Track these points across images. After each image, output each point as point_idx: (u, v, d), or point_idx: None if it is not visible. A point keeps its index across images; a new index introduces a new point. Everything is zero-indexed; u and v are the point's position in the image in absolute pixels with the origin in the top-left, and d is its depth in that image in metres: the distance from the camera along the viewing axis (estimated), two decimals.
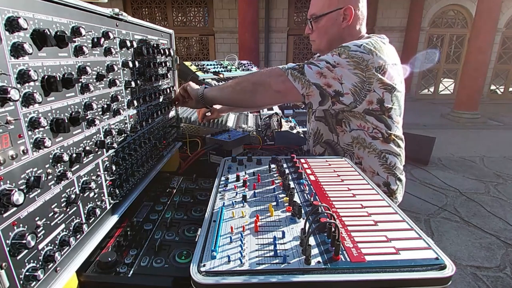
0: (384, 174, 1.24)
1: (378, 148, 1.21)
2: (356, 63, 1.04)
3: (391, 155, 1.22)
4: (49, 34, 0.51)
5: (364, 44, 1.07)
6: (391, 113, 1.15)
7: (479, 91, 7.30)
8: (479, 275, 2.39)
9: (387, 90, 1.10)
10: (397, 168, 1.25)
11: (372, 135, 1.20)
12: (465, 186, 3.95)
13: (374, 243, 0.57)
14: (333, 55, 1.08)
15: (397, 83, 1.12)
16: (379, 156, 1.22)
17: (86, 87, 0.63)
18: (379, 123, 1.17)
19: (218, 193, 0.79)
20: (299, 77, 1.06)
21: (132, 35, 0.89)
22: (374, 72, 1.05)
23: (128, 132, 0.85)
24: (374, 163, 1.23)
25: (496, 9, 6.76)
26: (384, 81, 1.07)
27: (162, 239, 0.75)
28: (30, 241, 0.45)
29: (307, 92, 1.06)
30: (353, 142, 1.24)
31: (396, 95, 1.13)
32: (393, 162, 1.23)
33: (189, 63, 2.37)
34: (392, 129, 1.19)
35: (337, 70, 1.05)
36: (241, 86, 1.14)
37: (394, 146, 1.22)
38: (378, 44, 1.09)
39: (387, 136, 1.19)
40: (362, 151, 1.23)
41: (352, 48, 1.06)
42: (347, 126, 1.23)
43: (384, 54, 1.07)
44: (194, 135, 1.65)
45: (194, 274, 0.49)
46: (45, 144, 0.50)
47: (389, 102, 1.12)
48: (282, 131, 1.70)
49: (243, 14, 7.51)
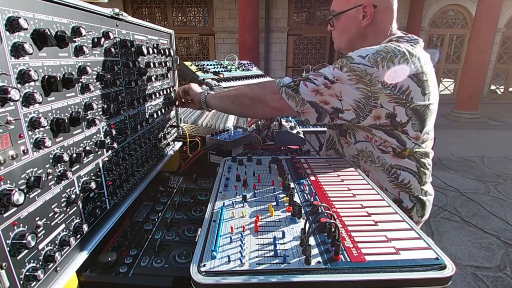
0: (394, 191, 1.09)
1: (388, 163, 1.06)
2: (358, 77, 0.94)
3: (405, 171, 1.06)
4: (49, 34, 0.51)
5: (370, 54, 0.94)
6: (406, 128, 1.00)
7: (479, 91, 7.30)
8: (479, 275, 2.38)
9: (400, 104, 0.96)
10: (413, 187, 1.08)
11: (380, 148, 1.06)
12: (465, 186, 3.95)
13: (374, 243, 0.57)
14: (334, 69, 0.99)
15: (416, 96, 0.96)
16: (388, 172, 1.07)
17: (86, 87, 0.63)
18: (390, 138, 1.03)
19: (218, 193, 0.79)
20: (293, 95, 1.01)
21: (132, 35, 0.89)
22: (380, 86, 0.93)
23: (128, 132, 0.85)
24: (383, 179, 1.09)
25: (496, 9, 6.76)
26: (393, 95, 0.95)
27: (162, 239, 0.75)
28: (30, 241, 0.45)
29: (301, 110, 1.01)
30: (359, 155, 1.12)
31: (415, 109, 0.98)
32: (406, 180, 1.07)
33: (189, 63, 2.37)
34: (407, 145, 1.03)
35: (336, 86, 0.96)
36: (240, 100, 1.12)
37: (412, 162, 1.06)
38: (399, 51, 0.95)
39: (400, 152, 1.04)
40: (369, 165, 1.10)
41: (356, 60, 0.95)
42: (351, 138, 1.13)
43: (400, 64, 0.93)
44: (194, 135, 1.65)
45: (194, 274, 0.49)
46: (45, 144, 0.50)
47: (404, 117, 0.98)
48: (282, 131, 1.70)
49: (243, 14, 7.50)
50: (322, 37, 9.34)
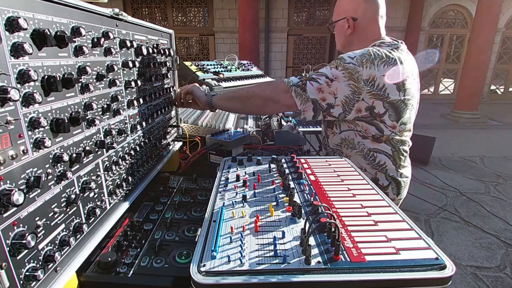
0: (372, 171, 1.27)
1: (367, 147, 1.23)
2: (350, 74, 1.09)
3: (381, 154, 1.23)
4: (49, 34, 0.51)
5: (357, 56, 1.11)
6: (383, 118, 1.16)
7: (479, 91, 7.29)
8: (479, 275, 2.38)
9: (378, 99, 1.11)
10: (389, 168, 1.25)
11: (362, 135, 1.23)
12: (465, 186, 3.95)
13: (374, 243, 0.57)
14: (331, 68, 1.13)
15: (391, 92, 1.11)
16: (366, 155, 1.25)
17: (86, 87, 0.63)
18: (370, 126, 1.19)
19: (218, 193, 0.79)
20: (300, 94, 1.14)
21: (132, 35, 0.89)
22: (363, 84, 1.09)
23: (128, 132, 0.85)
24: (362, 161, 1.26)
25: (496, 9, 6.75)
26: (371, 91, 1.10)
27: (162, 239, 0.75)
28: (30, 241, 0.45)
29: (303, 108, 1.15)
30: (342, 143, 1.30)
31: (391, 103, 1.13)
32: (382, 161, 1.24)
33: (189, 63, 2.37)
34: (384, 132, 1.19)
35: (334, 84, 1.11)
36: (252, 101, 1.22)
37: (388, 146, 1.22)
38: (377, 55, 1.10)
39: (378, 137, 1.21)
40: (350, 151, 1.28)
41: (347, 60, 1.11)
42: (337, 128, 1.30)
43: (378, 65, 1.09)
44: (194, 135, 1.65)
45: (194, 274, 0.49)
46: (45, 144, 0.50)
47: (381, 108, 1.13)
48: (282, 131, 1.70)
49: (243, 14, 7.50)
50: (322, 37, 9.33)
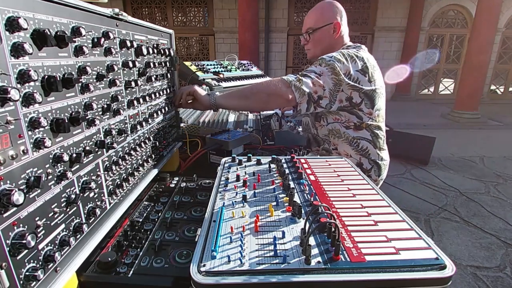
0: (356, 156, 1.48)
1: (351, 136, 1.45)
2: (332, 69, 1.30)
3: (363, 140, 1.46)
4: (49, 34, 0.51)
5: (334, 55, 1.34)
6: (361, 106, 1.39)
7: (479, 91, 7.29)
8: (479, 275, 2.38)
9: (355, 90, 1.34)
10: (370, 152, 1.47)
11: (345, 125, 1.45)
12: (465, 186, 3.95)
13: (374, 243, 0.57)
14: (317, 66, 1.33)
15: (364, 83, 1.34)
16: (351, 142, 1.46)
17: (86, 87, 0.63)
18: (351, 116, 1.41)
19: (218, 193, 0.79)
20: (299, 88, 1.27)
21: (132, 35, 0.89)
22: (343, 77, 1.30)
23: (128, 132, 0.85)
24: (348, 149, 1.48)
25: (496, 9, 6.74)
26: (350, 83, 1.32)
27: (162, 239, 0.75)
28: (30, 241, 0.45)
29: (300, 101, 1.28)
30: (329, 134, 1.51)
31: (365, 93, 1.36)
32: (364, 146, 1.47)
33: (189, 63, 2.37)
34: (364, 119, 1.42)
35: (322, 78, 1.30)
36: (257, 97, 1.31)
37: (367, 132, 1.45)
38: (348, 54, 1.35)
39: (359, 125, 1.43)
40: (337, 140, 1.50)
41: (327, 59, 1.33)
42: (324, 121, 1.51)
43: (351, 62, 1.33)
44: (194, 135, 1.65)
45: (194, 274, 0.49)
46: (45, 144, 0.50)
47: (358, 98, 1.36)
48: (282, 131, 1.70)
49: (243, 14, 7.50)
50: None
